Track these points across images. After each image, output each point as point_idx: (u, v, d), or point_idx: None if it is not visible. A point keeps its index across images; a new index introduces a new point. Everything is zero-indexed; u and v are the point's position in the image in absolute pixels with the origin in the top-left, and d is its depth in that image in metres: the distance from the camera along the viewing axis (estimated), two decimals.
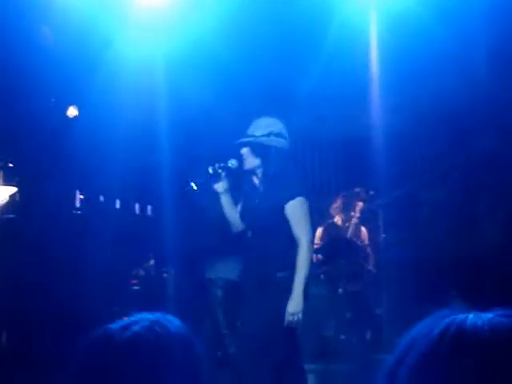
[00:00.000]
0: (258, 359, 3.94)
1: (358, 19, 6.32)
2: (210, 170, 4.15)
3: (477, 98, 6.89)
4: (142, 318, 1.21)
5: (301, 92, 6.92)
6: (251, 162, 4.16)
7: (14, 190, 6.52)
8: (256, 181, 4.24)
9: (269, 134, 4.14)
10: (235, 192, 4.36)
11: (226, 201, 4.22)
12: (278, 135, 4.17)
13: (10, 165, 6.63)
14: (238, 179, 4.36)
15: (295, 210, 4.06)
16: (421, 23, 6.04)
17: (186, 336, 1.21)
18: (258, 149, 4.14)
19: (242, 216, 4.27)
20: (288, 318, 4.00)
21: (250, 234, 4.24)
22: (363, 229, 7.01)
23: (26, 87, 5.88)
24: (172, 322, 1.22)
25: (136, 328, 1.18)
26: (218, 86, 7.03)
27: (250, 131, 4.20)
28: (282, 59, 6.74)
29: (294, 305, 3.99)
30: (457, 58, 6.52)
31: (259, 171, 4.20)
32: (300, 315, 4.00)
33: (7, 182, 6.60)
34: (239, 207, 4.31)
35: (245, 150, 4.17)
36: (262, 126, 4.18)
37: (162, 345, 1.16)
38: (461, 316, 1.00)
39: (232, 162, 4.17)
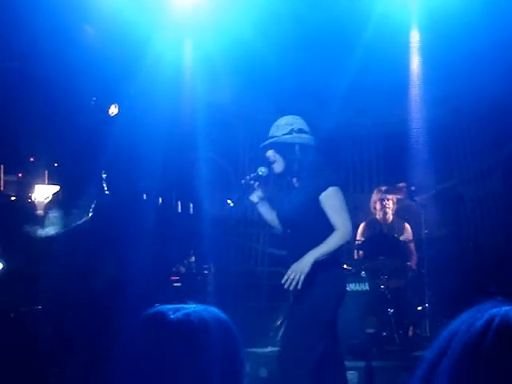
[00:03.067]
0: (299, 355, 3.94)
1: (398, 11, 6.25)
2: (243, 183, 4.21)
3: None
4: (190, 306, 1.32)
5: (340, 86, 6.87)
6: (280, 163, 4.16)
7: (57, 188, 6.65)
8: (293, 180, 4.23)
9: (290, 132, 4.12)
10: (277, 192, 4.38)
11: (263, 209, 4.30)
12: (299, 131, 4.15)
13: (55, 164, 6.77)
14: (276, 181, 4.37)
15: (330, 200, 4.01)
16: (464, 15, 5.94)
17: (228, 323, 1.33)
18: (282, 148, 4.13)
19: (280, 216, 4.27)
20: (287, 272, 3.88)
21: (289, 232, 4.22)
22: (407, 225, 6.94)
23: (69, 87, 5.98)
24: (215, 311, 1.33)
25: (187, 310, 1.28)
26: (256, 83, 7.03)
27: (272, 132, 4.19)
28: (322, 54, 6.71)
29: (300, 265, 3.86)
30: (500, 50, 6.39)
31: (288, 170, 4.18)
32: (301, 277, 3.82)
33: (51, 181, 6.74)
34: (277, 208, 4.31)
35: (270, 153, 4.17)
36: (283, 125, 4.16)
37: (208, 327, 1.27)
38: (504, 308, 0.99)
39: (262, 170, 4.19)
